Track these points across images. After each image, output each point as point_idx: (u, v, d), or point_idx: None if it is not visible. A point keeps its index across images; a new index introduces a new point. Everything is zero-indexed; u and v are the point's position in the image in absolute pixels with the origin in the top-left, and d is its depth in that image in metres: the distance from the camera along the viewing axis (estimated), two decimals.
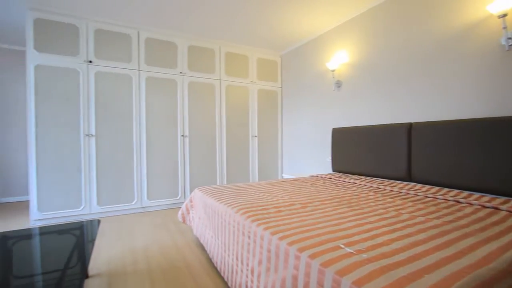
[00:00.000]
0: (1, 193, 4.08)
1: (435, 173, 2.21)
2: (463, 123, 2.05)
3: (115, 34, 3.28)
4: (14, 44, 4.03)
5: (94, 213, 3.20)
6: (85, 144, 3.14)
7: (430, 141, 2.25)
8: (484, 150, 1.92)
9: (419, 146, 2.33)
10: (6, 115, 4.08)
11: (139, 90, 3.41)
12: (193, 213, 2.49)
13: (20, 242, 1.60)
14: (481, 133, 1.94)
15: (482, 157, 1.93)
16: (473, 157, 1.98)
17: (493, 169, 1.88)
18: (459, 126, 2.06)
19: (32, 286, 1.11)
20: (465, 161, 2.02)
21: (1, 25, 3.36)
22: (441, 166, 2.17)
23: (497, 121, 1.87)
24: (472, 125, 2.00)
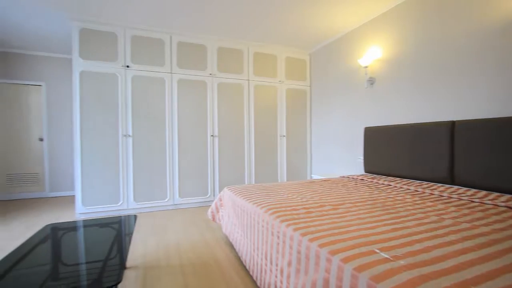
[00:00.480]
0: (51, 188, 4.51)
1: (482, 175, 2.02)
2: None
3: (150, 39, 3.46)
4: (59, 53, 4.43)
5: (131, 209, 3.40)
6: (123, 144, 3.36)
7: (477, 141, 2.05)
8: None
9: (463, 146, 2.14)
10: (55, 118, 4.50)
11: (171, 92, 3.56)
12: (223, 211, 2.54)
13: (68, 233, 1.74)
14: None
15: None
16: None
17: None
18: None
19: (78, 274, 1.21)
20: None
21: (49, 36, 3.71)
22: (490, 168, 1.97)
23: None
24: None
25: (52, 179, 4.51)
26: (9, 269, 1.19)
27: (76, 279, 1.16)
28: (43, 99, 4.44)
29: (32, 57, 4.36)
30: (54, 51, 4.37)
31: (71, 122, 4.53)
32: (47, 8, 2.94)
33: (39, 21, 3.24)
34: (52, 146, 4.49)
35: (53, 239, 1.61)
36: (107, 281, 1.08)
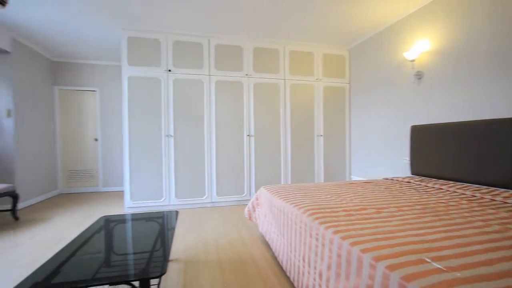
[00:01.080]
0: (104, 183, 4.97)
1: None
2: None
3: (190, 44, 3.62)
4: (110, 61, 4.86)
5: (172, 205, 3.60)
6: (166, 144, 3.57)
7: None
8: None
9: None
10: (107, 120, 4.95)
11: (209, 93, 3.69)
12: (259, 211, 2.55)
13: (118, 225, 1.90)
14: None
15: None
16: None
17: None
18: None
19: (127, 263, 1.31)
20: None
21: (102, 46, 4.09)
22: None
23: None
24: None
25: (105, 175, 4.97)
26: (72, 254, 1.33)
27: (125, 268, 1.26)
28: (97, 103, 4.91)
29: (88, 66, 4.86)
30: (106, 59, 4.81)
31: (121, 124, 4.95)
32: (101, 21, 3.24)
33: (94, 33, 3.59)
34: (105, 145, 4.95)
35: (106, 229, 1.76)
36: (153, 271, 1.15)
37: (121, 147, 4.93)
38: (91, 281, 1.09)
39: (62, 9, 2.97)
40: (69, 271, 1.18)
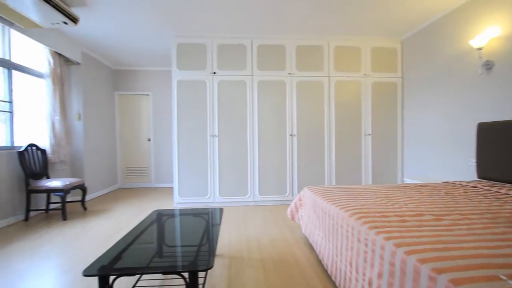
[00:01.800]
0: (156, 180, 5.39)
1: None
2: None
3: (233, 46, 3.71)
4: (161, 66, 5.24)
5: (217, 202, 3.74)
6: (211, 143, 3.72)
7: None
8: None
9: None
10: (159, 121, 5.36)
11: (252, 93, 3.74)
12: (302, 211, 2.50)
13: (169, 219, 2.04)
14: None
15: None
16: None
17: None
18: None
19: (177, 255, 1.39)
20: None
21: (154, 53, 4.44)
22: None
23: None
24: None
25: (156, 172, 5.39)
26: (130, 243, 1.47)
27: (176, 259, 1.34)
28: (150, 105, 5.35)
29: (142, 72, 5.32)
30: (158, 65, 5.20)
31: (170, 125, 5.31)
32: (155, 31, 3.52)
33: (148, 42, 3.92)
34: (157, 145, 5.37)
35: (158, 223, 1.90)
36: (201, 264, 1.20)
37: (171, 146, 5.30)
38: (146, 269, 1.18)
39: (121, 24, 3.30)
40: (128, 258, 1.30)
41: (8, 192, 2.99)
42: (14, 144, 3.17)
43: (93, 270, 1.14)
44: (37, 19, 2.77)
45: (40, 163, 3.37)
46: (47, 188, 3.10)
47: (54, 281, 1.80)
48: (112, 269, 1.16)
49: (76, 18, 2.91)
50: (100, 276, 1.14)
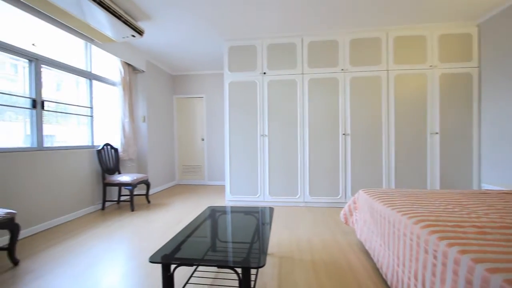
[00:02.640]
0: (209, 178, 5.68)
1: None
2: None
3: (283, 45, 3.69)
4: (214, 69, 5.50)
5: (266, 201, 3.77)
6: (261, 143, 3.76)
7: None
8: None
9: None
10: (212, 121, 5.64)
11: (302, 92, 3.67)
12: (357, 215, 2.35)
13: (222, 215, 2.12)
14: None
15: None
16: None
17: None
18: None
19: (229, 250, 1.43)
20: None
21: (208, 57, 4.67)
22: None
23: None
24: None
25: (209, 170, 5.69)
26: (187, 236, 1.57)
27: (229, 254, 1.38)
28: (204, 107, 5.67)
29: (197, 76, 5.66)
30: (211, 69, 5.48)
31: (222, 125, 5.55)
32: (208, 37, 3.72)
33: (202, 48, 4.15)
34: (209, 144, 5.67)
35: (212, 218, 1.99)
36: (253, 262, 1.21)
37: (223, 146, 5.53)
38: (204, 261, 1.25)
39: (179, 33, 3.56)
40: (186, 249, 1.39)
41: (90, 185, 3.49)
42: (94, 144, 3.69)
43: (158, 258, 1.25)
44: (111, 34, 3.17)
45: (113, 160, 3.85)
46: (118, 182, 3.53)
47: (124, 264, 2.03)
48: (173, 258, 1.25)
49: (142, 31, 3.24)
50: (163, 264, 1.24)
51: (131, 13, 3.09)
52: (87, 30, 2.99)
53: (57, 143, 3.14)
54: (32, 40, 2.80)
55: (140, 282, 1.77)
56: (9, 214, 1.96)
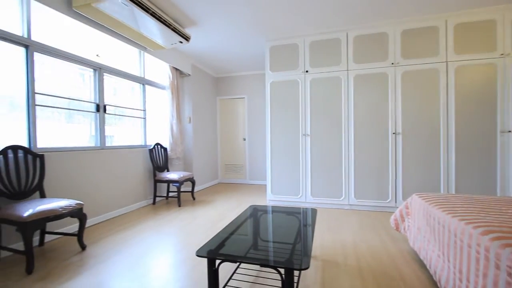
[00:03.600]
0: (250, 177, 5.77)
1: None
2: None
3: (326, 41, 3.57)
4: (255, 70, 5.56)
5: (308, 202, 3.68)
6: (302, 143, 3.69)
7: None
8: None
9: None
10: (253, 122, 5.71)
11: (347, 89, 3.50)
12: (409, 221, 2.16)
13: (264, 215, 2.12)
14: None
15: None
16: None
17: None
18: None
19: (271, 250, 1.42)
20: None
21: (249, 59, 4.74)
22: None
23: None
24: None
25: (250, 170, 5.77)
26: (231, 233, 1.60)
27: (271, 254, 1.37)
28: (245, 107, 5.77)
29: (239, 77, 5.79)
30: (252, 70, 5.56)
31: (263, 125, 5.59)
32: (250, 39, 3.78)
33: (244, 49, 4.23)
34: (251, 144, 5.75)
35: (254, 217, 2.01)
36: (297, 263, 1.19)
37: (264, 145, 5.56)
38: (247, 259, 1.26)
39: (222, 37, 3.68)
40: (229, 246, 1.42)
41: (143, 181, 3.80)
42: (146, 143, 4.01)
43: (203, 252, 1.29)
44: (161, 42, 3.40)
45: (163, 159, 4.14)
46: (167, 179, 3.78)
47: (172, 256, 2.16)
48: (218, 254, 1.29)
49: (188, 36, 3.42)
50: (208, 259, 1.28)
51: (179, 21, 3.28)
52: (141, 39, 3.26)
53: (115, 143, 3.49)
54: (96, 51, 3.15)
55: (187, 274, 1.86)
56: (79, 205, 2.23)
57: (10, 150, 2.18)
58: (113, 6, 2.53)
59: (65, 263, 2.05)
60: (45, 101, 2.60)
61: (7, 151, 2.15)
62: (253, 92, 5.69)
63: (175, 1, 2.84)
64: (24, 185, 2.26)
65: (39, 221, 1.93)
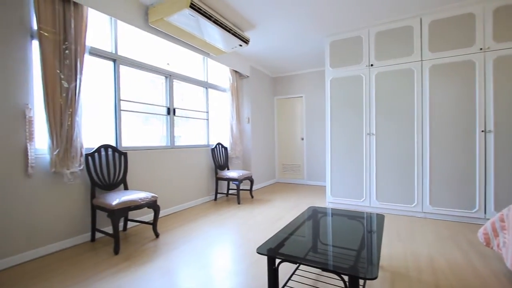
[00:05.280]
0: (308, 177, 5.63)
1: None
2: None
3: (394, 30, 3.23)
4: (313, 68, 5.39)
5: (372, 207, 3.39)
6: (367, 142, 3.42)
7: None
8: None
9: None
10: (311, 121, 5.55)
11: (421, 82, 3.10)
12: (506, 237, 1.79)
13: (324, 217, 2.04)
14: None
15: None
16: None
17: None
18: None
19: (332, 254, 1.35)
20: None
21: (307, 56, 4.62)
22: None
23: None
24: None
25: (308, 170, 5.63)
26: (290, 234, 1.58)
27: (333, 259, 1.30)
28: (303, 107, 5.65)
29: (296, 76, 5.71)
30: (310, 68, 5.41)
31: (322, 124, 5.40)
32: (309, 36, 3.68)
33: (302, 48, 4.15)
34: (309, 144, 5.61)
35: (314, 219, 1.94)
36: (363, 271, 1.10)
37: (322, 145, 5.37)
38: (307, 261, 1.22)
39: (280, 36, 3.68)
40: (288, 246, 1.40)
41: (206, 178, 4.07)
42: (209, 143, 4.28)
43: (264, 250, 1.30)
44: (222, 47, 3.59)
45: (223, 158, 4.36)
46: (227, 177, 3.96)
47: (233, 250, 2.25)
48: (278, 253, 1.28)
49: (247, 39, 3.52)
50: (268, 257, 1.29)
51: (239, 25, 3.41)
52: (204, 46, 3.50)
53: (182, 142, 3.81)
54: (166, 60, 3.50)
55: (246, 269, 1.91)
56: (153, 197, 2.50)
57: (102, 148, 2.59)
58: (181, 18, 2.76)
59: (143, 247, 2.33)
60: (126, 106, 3.00)
61: (101, 149, 2.56)
62: (311, 90, 5.55)
63: (236, 6, 2.95)
64: (113, 177, 2.65)
65: (124, 209, 2.24)
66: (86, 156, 2.43)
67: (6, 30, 1.97)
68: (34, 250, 2.13)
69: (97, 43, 2.67)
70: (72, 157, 2.27)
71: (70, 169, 2.26)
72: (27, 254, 2.08)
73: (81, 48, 2.32)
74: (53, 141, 2.17)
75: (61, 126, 2.21)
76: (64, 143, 2.22)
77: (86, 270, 1.93)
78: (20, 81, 2.05)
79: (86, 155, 2.43)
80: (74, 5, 2.27)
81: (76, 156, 2.30)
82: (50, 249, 2.22)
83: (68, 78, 2.24)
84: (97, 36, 2.68)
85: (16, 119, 2.03)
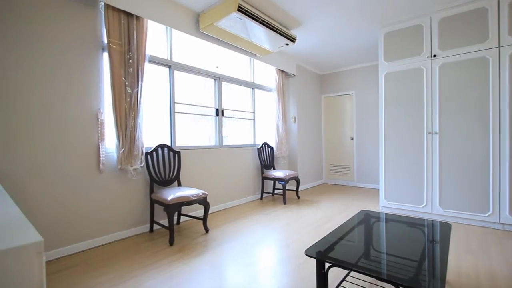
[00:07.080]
0: (358, 179, 5.30)
1: None
2: None
3: (464, 14, 2.84)
4: (364, 63, 5.05)
5: (435, 214, 3.04)
6: (428, 142, 3.08)
7: None
8: None
9: None
10: (362, 119, 5.22)
11: (498, 72, 2.67)
12: None
13: (377, 222, 1.89)
14: None
15: None
16: None
17: None
18: None
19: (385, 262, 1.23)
20: None
21: (358, 51, 4.35)
22: None
23: None
24: None
25: (358, 171, 5.31)
26: (340, 238, 1.50)
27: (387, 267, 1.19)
28: (353, 104, 5.35)
29: (345, 72, 5.42)
30: (360, 62, 5.09)
31: (374, 122, 5.03)
32: (361, 29, 3.47)
33: (352, 42, 3.93)
34: (359, 143, 5.28)
35: (366, 223, 1.81)
36: (425, 285, 0.98)
37: (374, 145, 5.01)
38: (360, 267, 1.14)
39: (328, 32, 3.54)
40: (338, 250, 1.33)
41: (252, 177, 4.14)
42: (255, 143, 4.34)
43: (312, 253, 1.26)
44: (268, 47, 3.60)
45: (269, 157, 4.37)
46: (273, 177, 3.96)
47: (279, 250, 2.24)
48: (327, 257, 1.23)
49: (294, 38, 3.47)
50: (317, 260, 1.24)
51: (284, 23, 3.38)
52: (251, 48, 3.55)
53: (229, 142, 3.94)
54: (215, 63, 3.65)
55: (293, 271, 1.88)
56: (204, 194, 2.64)
57: (159, 148, 2.82)
58: (229, 22, 2.85)
59: (195, 241, 2.47)
60: (180, 108, 3.22)
61: (158, 148, 2.79)
62: (362, 86, 5.22)
63: (282, 5, 2.93)
64: (168, 174, 2.87)
65: (177, 204, 2.41)
66: (146, 154, 2.68)
67: (83, 46, 2.29)
68: (104, 237, 2.42)
69: (155, 51, 2.92)
70: (135, 156, 2.53)
71: (133, 166, 2.52)
72: (98, 240, 2.38)
73: (142, 57, 2.56)
74: (119, 141, 2.44)
75: (126, 127, 2.48)
76: (128, 142, 2.48)
77: (145, 258, 2.13)
78: (94, 89, 2.36)
79: (146, 153, 2.68)
80: (136, 18, 2.53)
81: (138, 155, 2.55)
82: (116, 236, 2.51)
83: (131, 85, 2.50)
84: (154, 45, 2.93)
85: (91, 122, 2.34)
